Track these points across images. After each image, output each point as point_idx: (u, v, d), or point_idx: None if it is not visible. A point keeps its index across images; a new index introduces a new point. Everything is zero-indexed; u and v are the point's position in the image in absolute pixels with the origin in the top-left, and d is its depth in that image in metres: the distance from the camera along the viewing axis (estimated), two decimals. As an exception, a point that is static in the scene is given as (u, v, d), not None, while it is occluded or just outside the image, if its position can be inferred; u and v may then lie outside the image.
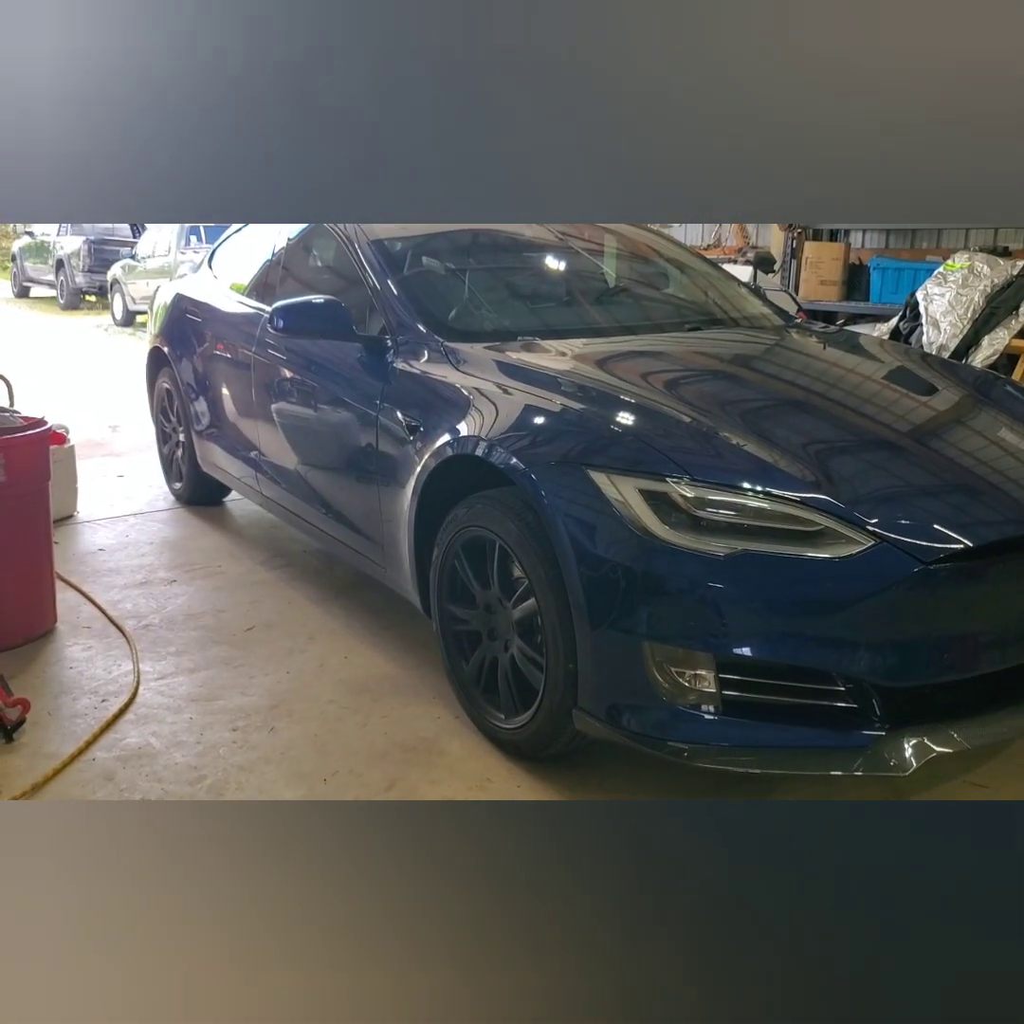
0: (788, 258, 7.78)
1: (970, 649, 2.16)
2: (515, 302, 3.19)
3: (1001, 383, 3.04)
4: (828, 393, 2.70)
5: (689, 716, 2.12)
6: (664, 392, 2.50)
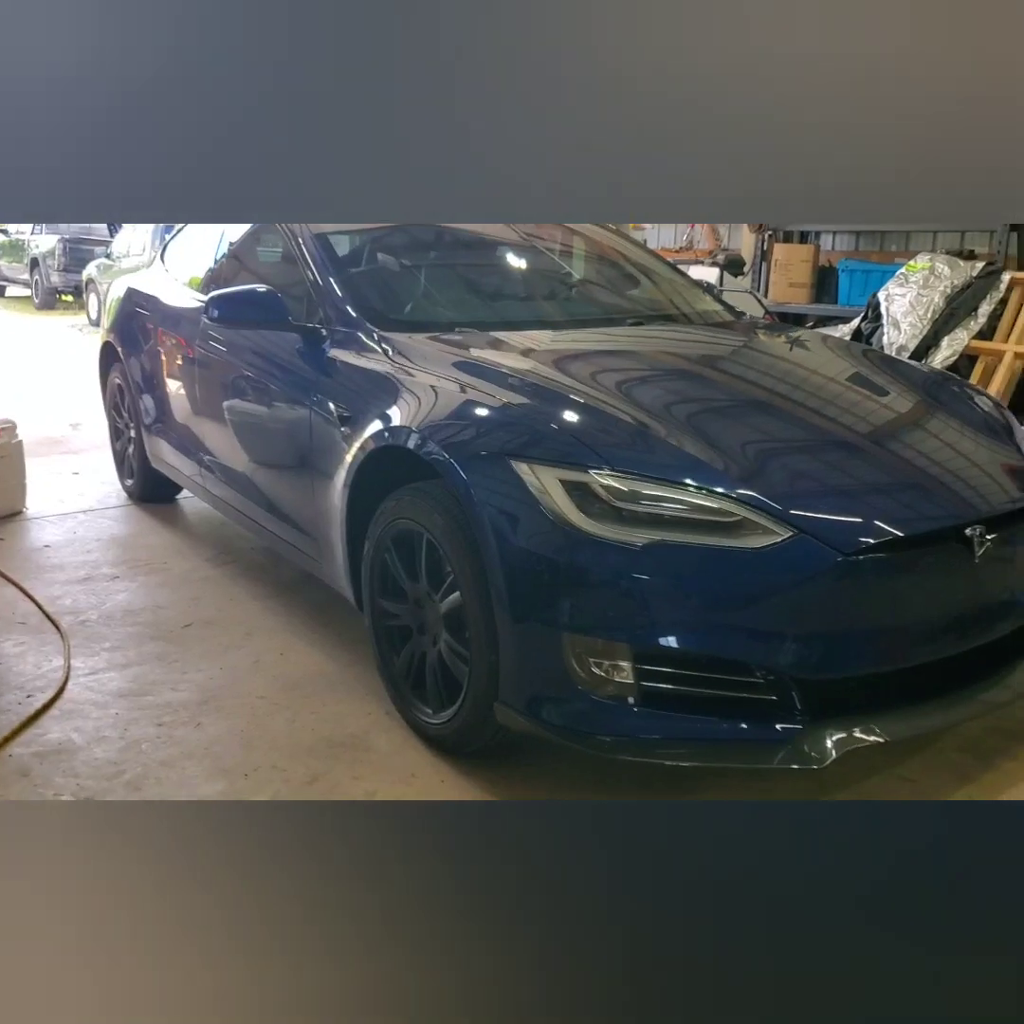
0: (758, 260, 7.77)
1: (891, 642, 2.14)
2: (455, 294, 3.16)
3: (940, 378, 3.02)
4: (760, 385, 2.68)
5: (608, 708, 2.09)
6: (592, 383, 2.47)
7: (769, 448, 2.28)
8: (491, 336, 2.82)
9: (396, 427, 2.44)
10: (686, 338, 3.12)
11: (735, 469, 2.15)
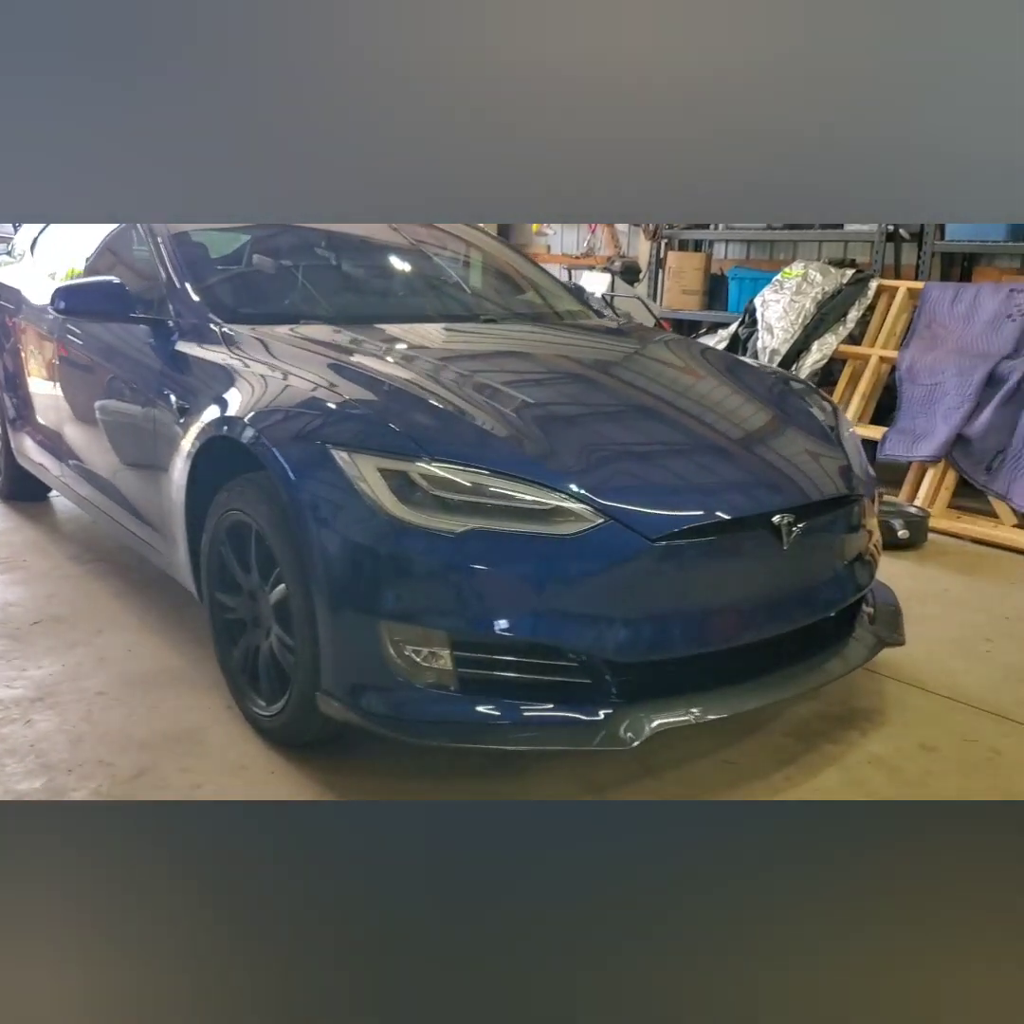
0: (654, 268, 7.92)
1: (703, 625, 2.20)
2: (305, 289, 3.16)
3: (770, 375, 3.12)
4: (592, 380, 2.74)
5: (427, 695, 2.11)
6: (419, 374, 2.49)
7: (585, 438, 2.33)
8: (333, 329, 2.83)
9: (227, 417, 2.43)
10: (532, 336, 3.17)
11: (550, 458, 2.19)
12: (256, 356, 2.60)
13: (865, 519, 2.58)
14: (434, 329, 3.03)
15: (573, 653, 2.11)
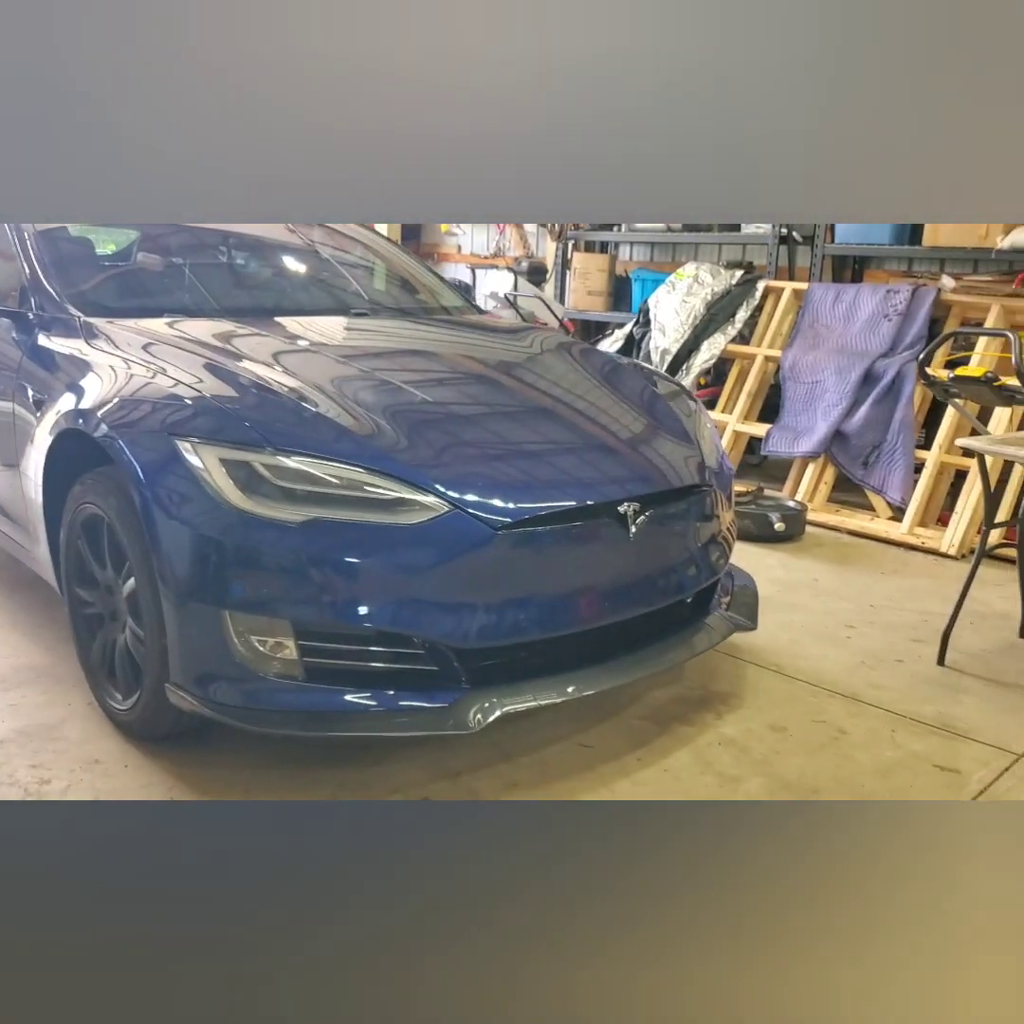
0: (560, 268, 8.01)
1: (549, 611, 2.25)
2: (171, 283, 3.14)
3: (631, 368, 3.20)
4: (448, 368, 2.79)
5: (273, 685, 2.13)
6: (271, 365, 2.49)
7: (435, 428, 2.37)
8: (202, 323, 2.82)
9: (81, 411, 2.41)
10: (403, 331, 3.20)
11: (397, 449, 2.23)
12: (116, 350, 2.58)
13: (716, 509, 2.67)
14: (309, 323, 3.04)
15: (419, 641, 2.15)
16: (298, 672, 2.13)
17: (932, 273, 5.77)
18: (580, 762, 2.46)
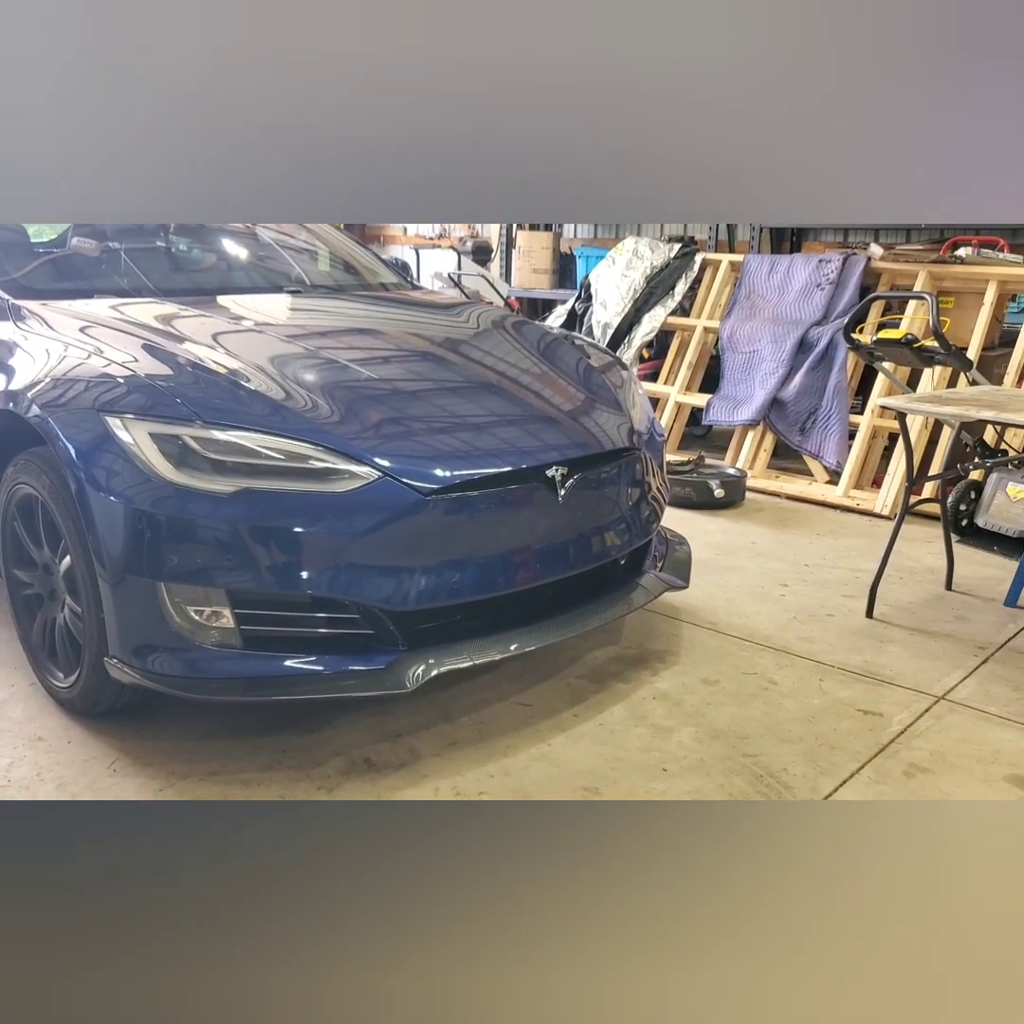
0: (505, 247, 8.05)
1: (481, 573, 2.31)
2: (104, 266, 3.14)
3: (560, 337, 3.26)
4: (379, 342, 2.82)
5: (211, 654, 2.17)
6: (207, 344, 2.52)
7: (366, 401, 2.41)
8: (132, 303, 2.83)
9: (11, 392, 2.42)
10: (338, 307, 3.23)
11: (330, 421, 2.27)
12: (48, 332, 2.58)
13: (646, 475, 2.75)
14: (243, 300, 3.06)
15: (353, 605, 2.20)
16: (236, 640, 2.18)
17: (866, 243, 5.90)
18: (518, 720, 2.53)
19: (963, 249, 4.76)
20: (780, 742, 2.43)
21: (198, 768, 2.29)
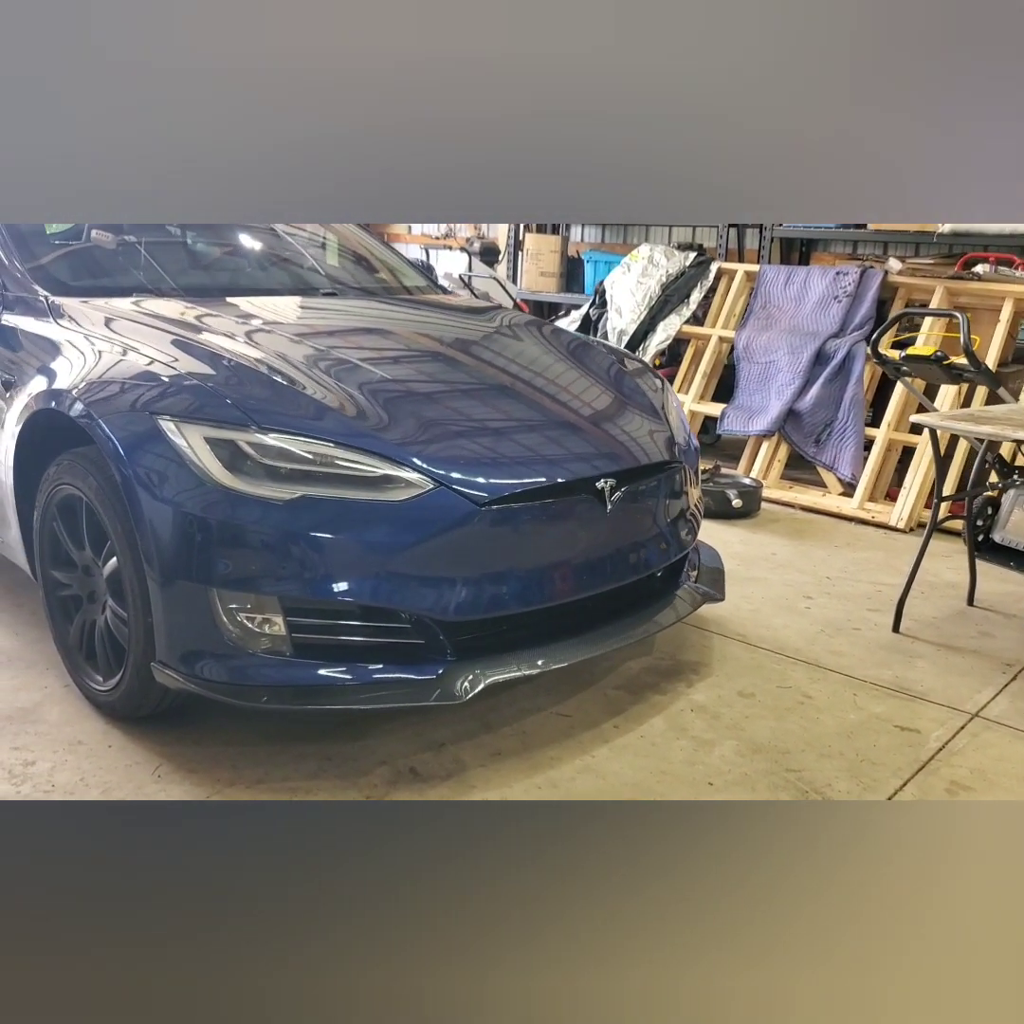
0: (512, 249, 8.03)
1: (532, 585, 2.31)
2: (140, 261, 3.11)
3: (601, 349, 3.26)
4: (425, 348, 2.81)
5: (261, 661, 2.16)
6: (262, 349, 2.51)
7: (420, 410, 2.40)
8: (174, 303, 2.81)
9: (54, 390, 2.40)
10: (376, 311, 3.21)
11: (383, 428, 2.26)
12: (87, 329, 2.56)
13: (686, 485, 2.75)
14: (277, 302, 3.05)
15: (406, 615, 2.19)
16: (286, 648, 2.16)
17: (876, 256, 5.93)
18: (559, 731, 2.52)
19: (981, 266, 4.80)
20: (821, 757, 2.44)
21: (244, 775, 2.27)
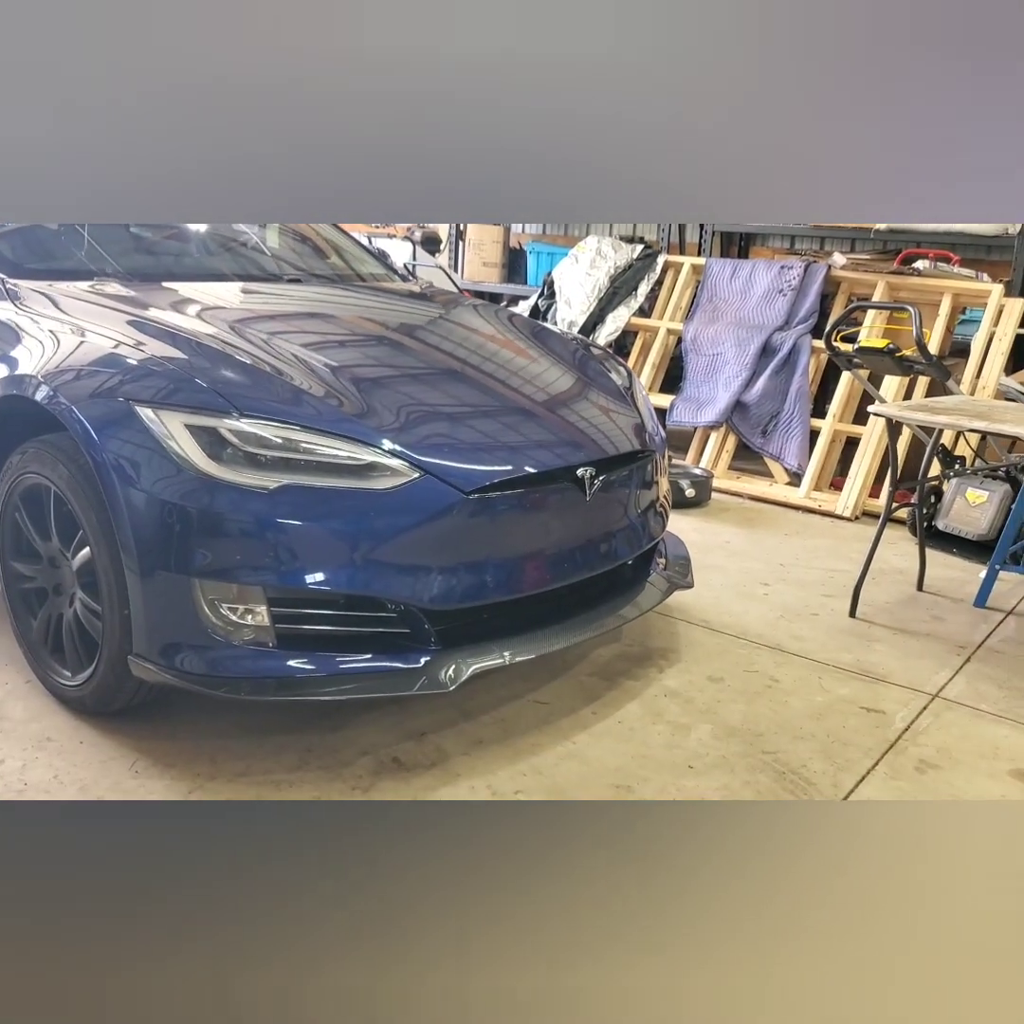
0: (454, 239, 8.00)
1: (514, 573, 2.32)
2: (98, 245, 3.02)
3: (571, 340, 3.28)
4: (397, 336, 2.79)
5: (245, 652, 2.12)
6: (225, 331, 2.45)
7: (399, 398, 2.38)
8: (133, 285, 2.73)
9: (17, 376, 2.32)
10: (338, 297, 3.17)
11: (365, 415, 2.24)
12: (48, 312, 2.47)
13: (657, 474, 2.79)
14: (238, 288, 2.99)
15: (391, 604, 2.18)
16: (270, 639, 2.13)
17: (814, 250, 6.08)
18: (538, 718, 2.54)
19: (920, 262, 4.95)
20: (794, 739, 2.50)
21: (224, 769, 2.23)
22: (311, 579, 2.10)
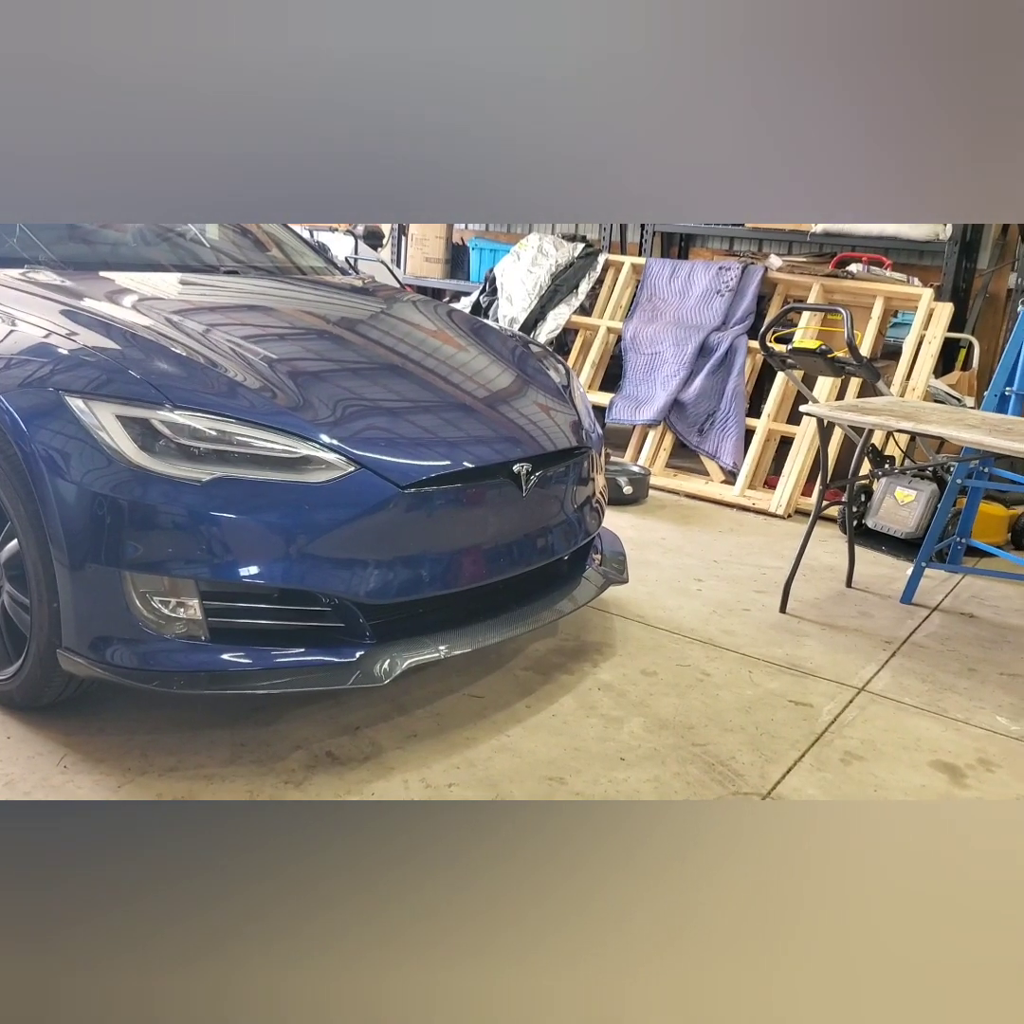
0: (397, 234, 7.97)
1: (450, 567, 2.33)
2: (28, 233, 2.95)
3: (510, 338, 3.30)
4: (336, 330, 2.79)
5: (177, 646, 2.10)
6: (161, 323, 2.43)
7: (335, 392, 2.38)
8: (64, 274, 2.68)
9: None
10: (276, 290, 3.15)
11: (301, 408, 2.23)
12: (-24, 300, 2.42)
13: (593, 471, 2.83)
14: (176, 279, 2.95)
15: (326, 598, 2.18)
16: (202, 632, 2.11)
17: (752, 252, 6.19)
18: (473, 711, 2.56)
19: (854, 265, 5.07)
20: (724, 731, 2.56)
21: (155, 763, 2.21)
22: (244, 572, 2.10)
